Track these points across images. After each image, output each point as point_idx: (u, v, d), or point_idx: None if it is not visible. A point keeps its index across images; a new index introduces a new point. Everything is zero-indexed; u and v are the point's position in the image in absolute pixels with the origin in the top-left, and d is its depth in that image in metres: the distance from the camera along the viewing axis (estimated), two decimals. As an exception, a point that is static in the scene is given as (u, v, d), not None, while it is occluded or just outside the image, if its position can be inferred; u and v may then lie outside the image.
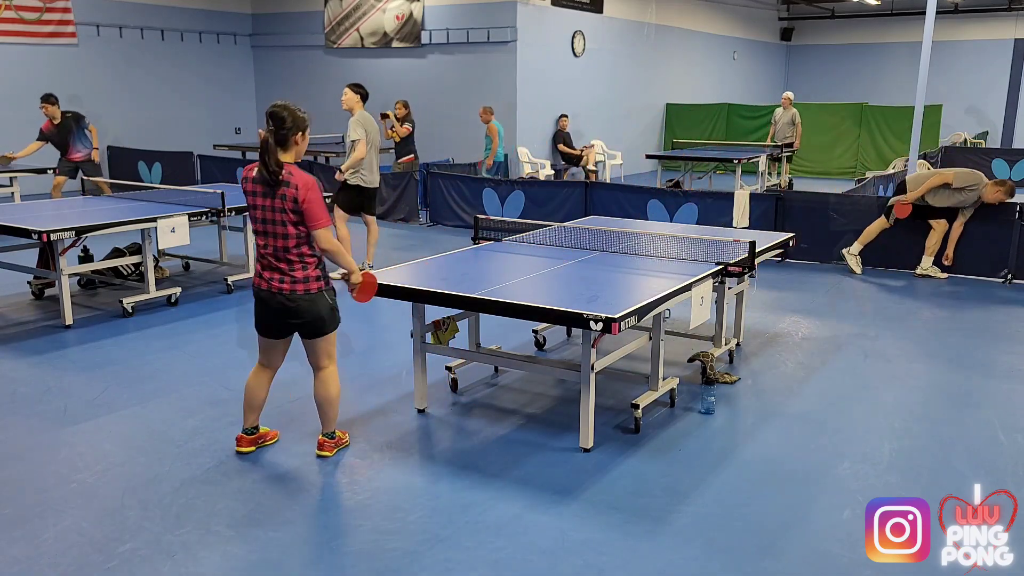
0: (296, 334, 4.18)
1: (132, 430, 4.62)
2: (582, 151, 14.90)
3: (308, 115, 4.07)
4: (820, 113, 18.37)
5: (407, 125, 11.26)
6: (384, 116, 10.88)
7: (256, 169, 3.96)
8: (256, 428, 4.39)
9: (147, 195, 8.27)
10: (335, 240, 4.00)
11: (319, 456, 4.28)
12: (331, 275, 4.18)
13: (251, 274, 7.83)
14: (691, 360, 5.57)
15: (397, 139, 11.30)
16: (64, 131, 10.31)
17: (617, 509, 3.79)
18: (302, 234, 3.95)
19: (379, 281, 4.54)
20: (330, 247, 3.99)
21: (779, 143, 14.72)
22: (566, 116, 14.82)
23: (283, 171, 3.88)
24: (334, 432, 4.34)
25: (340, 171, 8.23)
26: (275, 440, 4.47)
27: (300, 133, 3.98)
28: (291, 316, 4.03)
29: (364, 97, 8.56)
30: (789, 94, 15.26)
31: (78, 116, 10.39)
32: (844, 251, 8.69)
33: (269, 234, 3.97)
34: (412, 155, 11.51)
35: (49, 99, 10.20)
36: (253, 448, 4.36)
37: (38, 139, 10.37)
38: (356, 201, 8.23)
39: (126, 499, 3.84)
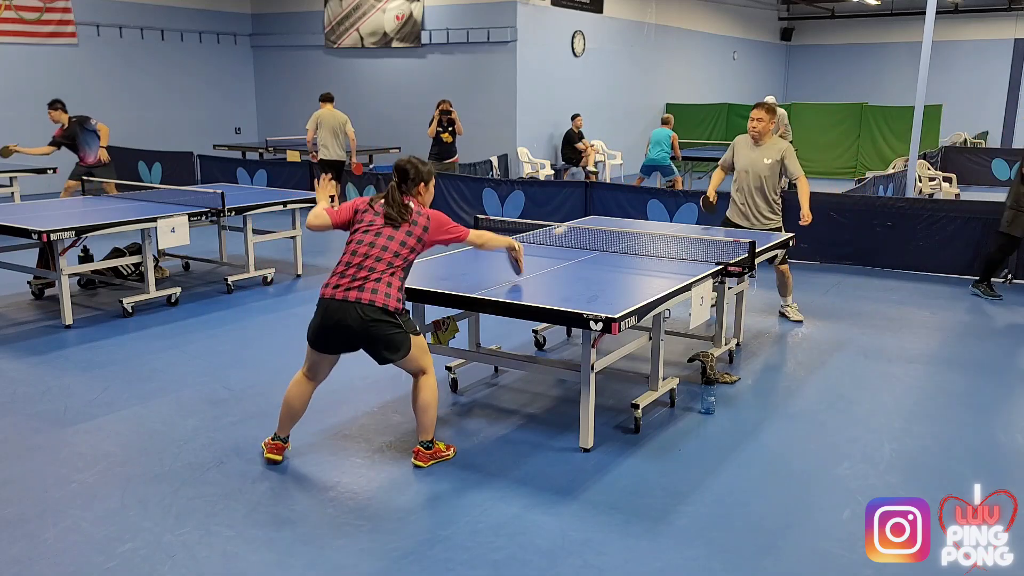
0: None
1: (132, 430, 4.62)
2: (586, 149, 14.92)
3: (432, 167, 4.25)
4: (820, 113, 18.38)
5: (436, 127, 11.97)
6: (449, 112, 11.79)
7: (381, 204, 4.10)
8: (287, 438, 4.25)
9: (147, 195, 8.27)
10: (480, 235, 4.30)
11: (414, 464, 4.15)
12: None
13: (251, 273, 7.84)
14: (691, 360, 5.57)
15: (458, 135, 11.96)
16: (71, 137, 10.24)
17: (617, 509, 3.79)
18: (406, 259, 3.99)
19: None
20: (481, 242, 4.34)
21: None
22: (579, 115, 14.85)
23: (412, 210, 4.06)
24: (431, 442, 4.17)
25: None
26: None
27: (423, 184, 4.16)
28: (357, 332, 3.87)
29: (325, 100, 11.94)
30: (771, 98, 15.44)
31: (83, 119, 10.27)
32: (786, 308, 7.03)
33: (366, 244, 3.95)
34: (455, 156, 12.19)
35: (54, 105, 10.11)
36: (282, 458, 4.22)
37: (49, 143, 10.32)
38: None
39: (127, 499, 3.84)
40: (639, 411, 4.62)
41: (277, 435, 4.24)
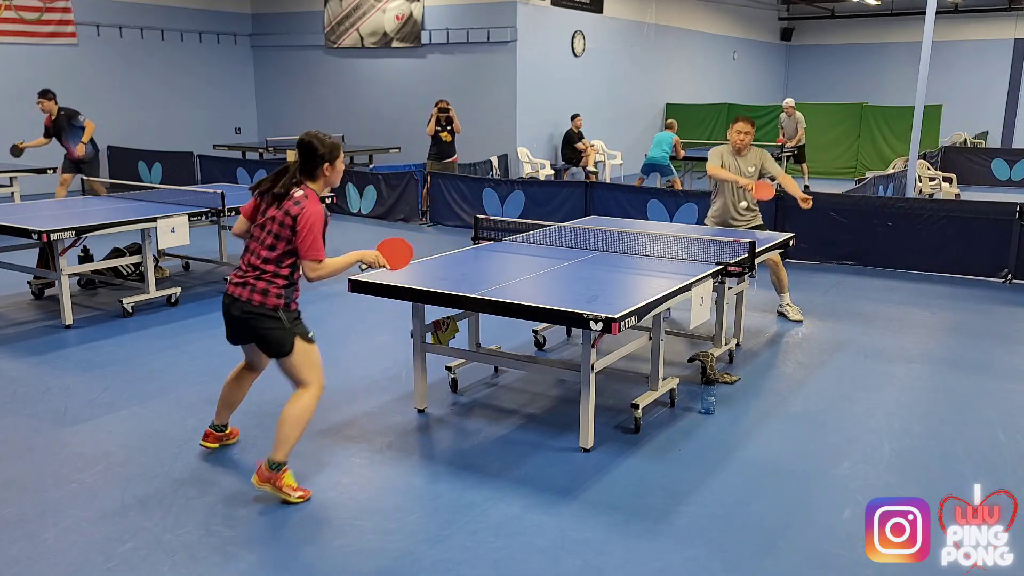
0: None
1: (132, 430, 4.62)
2: (586, 149, 14.93)
3: (338, 141, 3.86)
4: (820, 113, 18.37)
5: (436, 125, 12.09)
6: (447, 111, 11.96)
7: (269, 181, 3.81)
8: (225, 426, 4.33)
9: (147, 195, 8.27)
10: (323, 268, 3.71)
11: (255, 484, 3.78)
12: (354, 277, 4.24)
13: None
14: (691, 360, 5.57)
15: (457, 134, 12.10)
16: (57, 128, 10.24)
17: (617, 509, 3.79)
18: (282, 253, 3.72)
19: (379, 281, 4.53)
20: (319, 276, 3.72)
21: (792, 144, 15.14)
22: (579, 115, 14.86)
23: (299, 189, 3.72)
24: (280, 465, 3.75)
25: None
26: (235, 439, 4.42)
27: (328, 164, 3.78)
28: (244, 326, 3.81)
29: None
30: (790, 101, 15.58)
31: (71, 113, 10.27)
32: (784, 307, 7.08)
33: (256, 239, 3.78)
34: (455, 156, 12.35)
35: (45, 94, 10.12)
36: (217, 445, 4.32)
37: (44, 135, 10.33)
38: None
39: (126, 499, 3.84)
40: (639, 411, 4.62)
41: (214, 424, 4.29)
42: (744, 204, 6.62)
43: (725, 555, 3.43)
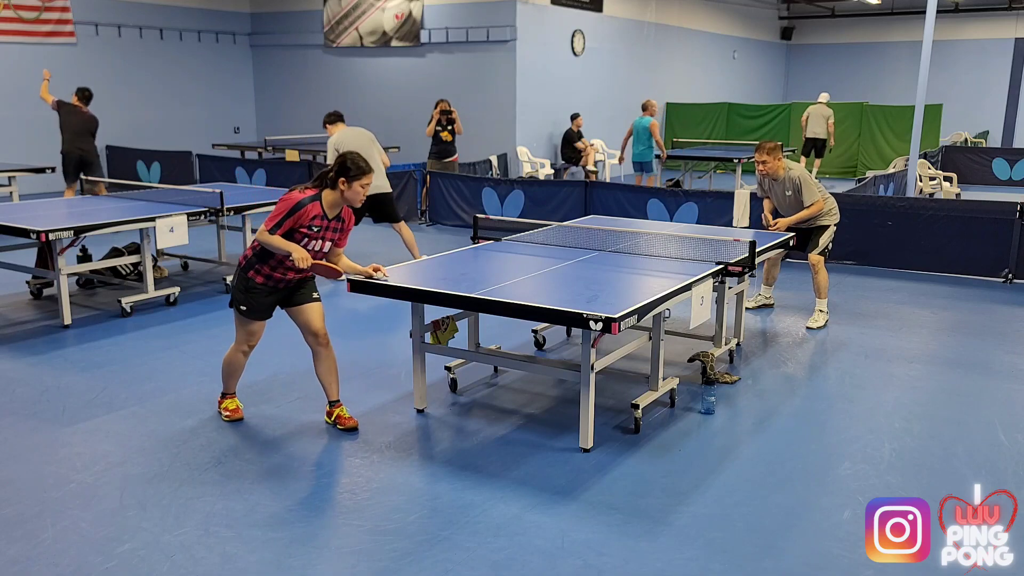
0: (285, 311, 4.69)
1: (131, 430, 4.61)
2: (585, 148, 14.92)
3: (367, 170, 4.31)
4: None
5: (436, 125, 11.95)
6: (448, 112, 11.64)
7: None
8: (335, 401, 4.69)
9: (146, 195, 8.26)
10: (263, 235, 4.29)
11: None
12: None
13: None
14: (691, 360, 5.56)
15: (458, 134, 11.95)
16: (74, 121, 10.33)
17: (617, 509, 3.78)
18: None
19: (378, 281, 4.52)
20: (261, 239, 4.33)
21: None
22: (579, 115, 14.84)
23: (309, 186, 4.38)
24: (223, 395, 4.83)
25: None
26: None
27: (345, 180, 4.27)
28: None
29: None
30: (824, 96, 15.97)
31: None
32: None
33: None
34: (455, 156, 12.15)
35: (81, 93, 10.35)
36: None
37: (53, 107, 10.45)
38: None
39: (125, 499, 3.83)
40: (639, 411, 4.62)
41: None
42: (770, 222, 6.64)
43: (725, 555, 3.43)
